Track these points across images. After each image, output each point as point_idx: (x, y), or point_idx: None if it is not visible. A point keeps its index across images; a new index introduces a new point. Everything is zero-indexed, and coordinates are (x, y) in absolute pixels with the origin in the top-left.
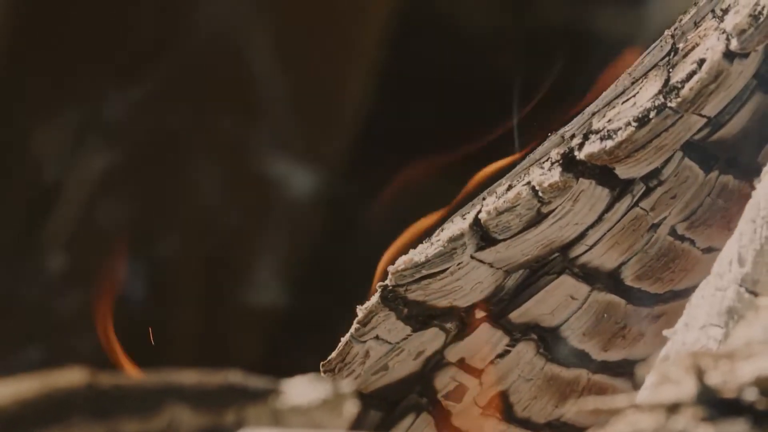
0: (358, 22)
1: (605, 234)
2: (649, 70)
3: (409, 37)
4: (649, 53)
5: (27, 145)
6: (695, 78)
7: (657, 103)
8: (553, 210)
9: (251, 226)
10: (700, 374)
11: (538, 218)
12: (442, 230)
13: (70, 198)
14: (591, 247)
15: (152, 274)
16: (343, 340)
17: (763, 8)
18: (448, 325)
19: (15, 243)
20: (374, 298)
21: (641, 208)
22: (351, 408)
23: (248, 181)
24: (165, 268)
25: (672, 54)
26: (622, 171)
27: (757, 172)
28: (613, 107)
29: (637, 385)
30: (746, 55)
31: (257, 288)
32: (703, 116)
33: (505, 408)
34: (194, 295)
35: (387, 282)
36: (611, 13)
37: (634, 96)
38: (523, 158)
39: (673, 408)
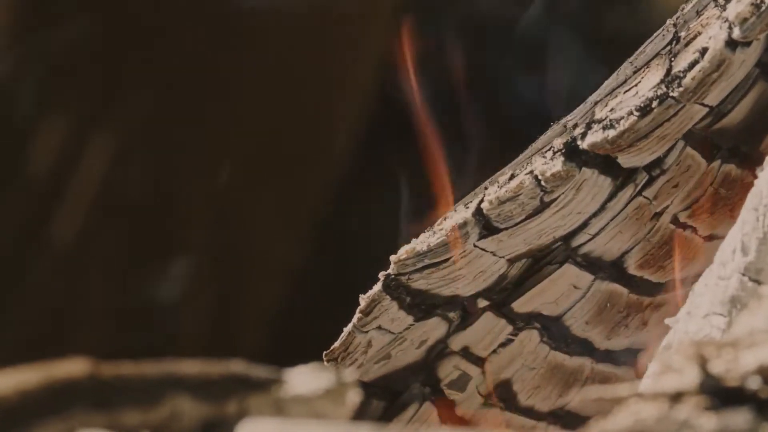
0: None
1: (608, 223)
2: (651, 59)
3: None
4: (651, 42)
5: (30, 144)
6: (697, 67)
7: (659, 92)
8: (556, 199)
9: (258, 215)
10: (703, 363)
11: (541, 207)
12: (445, 219)
13: (76, 193)
14: (594, 236)
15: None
16: (346, 329)
17: None
18: (451, 314)
19: (19, 240)
20: (376, 287)
21: (644, 197)
22: (353, 397)
23: (256, 174)
24: (173, 262)
25: (674, 43)
26: (625, 160)
27: (760, 161)
28: (615, 96)
29: (639, 374)
30: (748, 44)
31: (262, 277)
32: (706, 105)
33: (508, 397)
34: (201, 285)
35: (389, 271)
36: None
37: (636, 85)
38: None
39: (675, 397)
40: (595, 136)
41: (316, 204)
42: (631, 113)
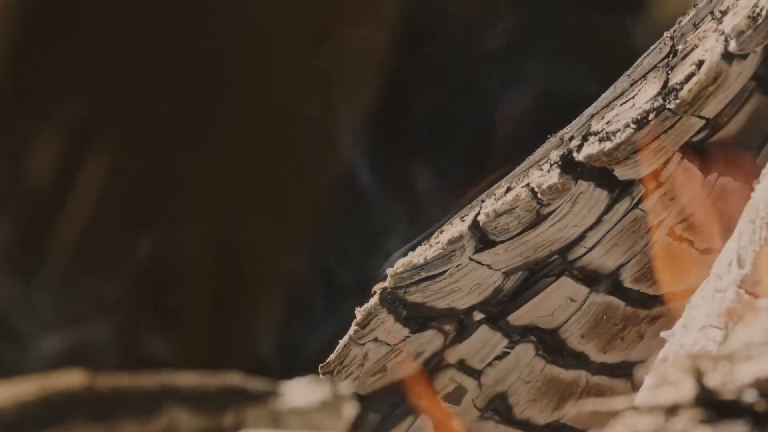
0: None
1: (604, 236)
2: (648, 71)
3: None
4: (648, 55)
5: (29, 150)
6: (694, 80)
7: (656, 104)
8: (552, 212)
9: (257, 228)
10: (699, 376)
11: (537, 220)
12: (441, 232)
13: (75, 203)
14: (590, 249)
15: (165, 262)
16: (342, 342)
17: (761, 10)
18: (447, 327)
19: (19, 248)
20: (373, 300)
21: (640, 209)
22: (350, 410)
23: (255, 185)
24: (177, 257)
25: (671, 56)
26: (621, 173)
27: (756, 174)
28: (612, 109)
29: (636, 387)
30: (745, 57)
31: (260, 290)
32: (702, 118)
33: (504, 410)
34: (206, 286)
35: (386, 284)
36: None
37: (632, 98)
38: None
39: (672, 410)
40: (591, 149)
41: (314, 216)
42: (627, 125)
